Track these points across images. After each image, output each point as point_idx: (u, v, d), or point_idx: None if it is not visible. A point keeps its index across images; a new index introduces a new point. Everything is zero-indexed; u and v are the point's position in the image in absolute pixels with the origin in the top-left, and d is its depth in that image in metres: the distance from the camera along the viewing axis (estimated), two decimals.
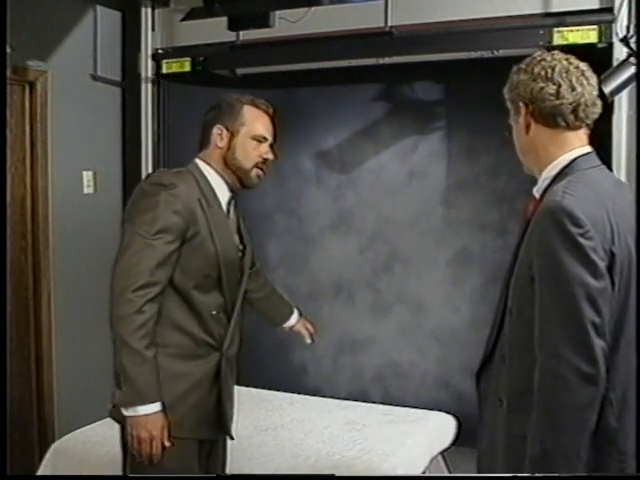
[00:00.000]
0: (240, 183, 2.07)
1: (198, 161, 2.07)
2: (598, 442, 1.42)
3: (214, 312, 2.01)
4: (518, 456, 1.45)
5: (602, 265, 1.39)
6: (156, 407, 1.87)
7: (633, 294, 1.48)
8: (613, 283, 1.42)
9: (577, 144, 1.55)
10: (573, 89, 1.51)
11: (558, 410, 1.38)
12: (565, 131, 1.54)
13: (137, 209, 1.94)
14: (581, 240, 1.38)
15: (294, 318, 2.51)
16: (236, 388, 2.18)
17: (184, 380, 1.97)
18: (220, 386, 2.04)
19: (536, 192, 1.59)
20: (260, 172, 2.07)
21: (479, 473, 1.66)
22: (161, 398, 1.88)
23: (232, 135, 2.04)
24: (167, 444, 1.89)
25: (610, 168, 2.43)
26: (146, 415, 1.86)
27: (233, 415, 2.13)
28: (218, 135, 2.04)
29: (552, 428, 1.39)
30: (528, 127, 1.56)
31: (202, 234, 1.95)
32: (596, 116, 1.56)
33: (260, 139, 2.05)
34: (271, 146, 2.09)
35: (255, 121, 2.05)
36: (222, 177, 2.05)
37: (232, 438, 2.16)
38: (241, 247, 2.12)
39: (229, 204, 2.08)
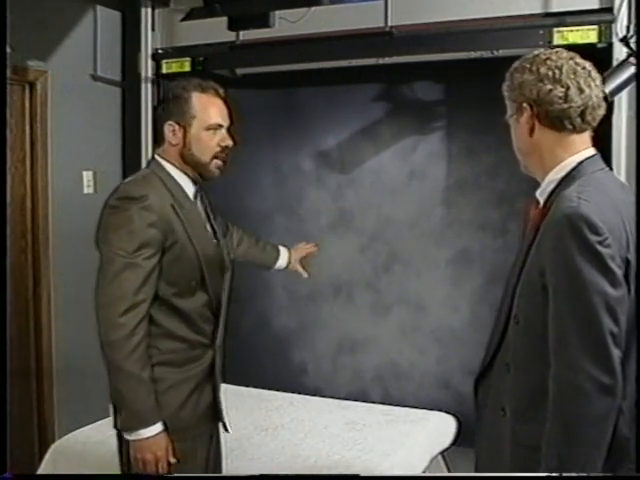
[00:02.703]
0: (201, 177, 1.99)
1: (159, 159, 1.99)
2: (611, 451, 1.38)
3: (202, 312, 1.97)
4: (527, 467, 1.42)
5: (619, 273, 1.35)
6: (158, 428, 1.84)
7: None
8: (629, 291, 1.38)
9: (582, 147, 1.51)
10: (581, 91, 1.46)
11: (575, 422, 1.35)
12: (571, 134, 1.50)
13: (110, 227, 1.85)
14: (600, 248, 1.33)
15: (283, 257, 2.56)
16: (236, 388, 2.18)
17: (184, 386, 1.93)
18: (215, 380, 2.02)
19: (539, 195, 1.54)
20: (219, 162, 1.98)
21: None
22: (161, 418, 1.85)
23: (185, 130, 1.93)
24: (172, 461, 1.87)
25: (610, 169, 2.42)
26: (149, 438, 1.83)
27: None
28: (170, 132, 1.94)
29: (569, 440, 1.35)
30: (532, 129, 1.51)
31: (181, 241, 1.89)
32: (600, 118, 1.52)
33: (215, 127, 1.95)
34: (229, 131, 1.98)
35: (206, 110, 1.94)
36: (184, 172, 1.98)
37: (226, 429, 2.11)
38: (215, 241, 2.04)
39: (195, 197, 2.01)
